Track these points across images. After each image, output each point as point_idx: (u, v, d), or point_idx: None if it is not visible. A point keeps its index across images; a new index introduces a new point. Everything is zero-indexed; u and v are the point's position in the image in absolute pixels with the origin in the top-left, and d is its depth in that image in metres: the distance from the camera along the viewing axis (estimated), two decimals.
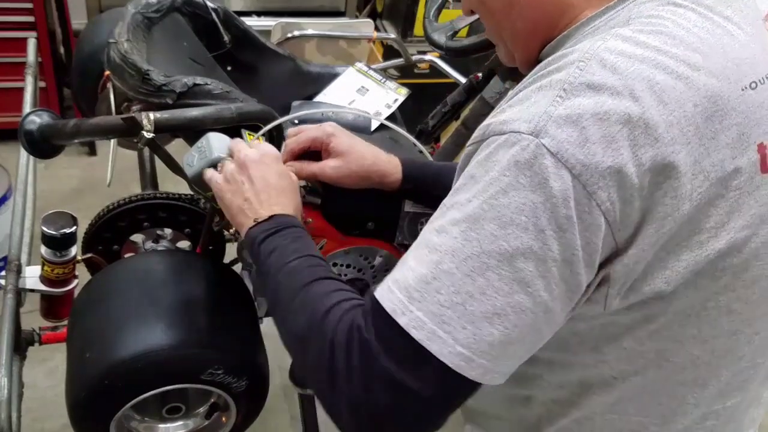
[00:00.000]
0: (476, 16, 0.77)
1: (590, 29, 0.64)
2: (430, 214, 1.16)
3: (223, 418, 1.38)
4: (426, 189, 1.06)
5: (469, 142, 0.64)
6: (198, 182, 1.13)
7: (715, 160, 0.58)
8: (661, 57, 0.57)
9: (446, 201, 0.63)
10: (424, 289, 0.59)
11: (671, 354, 0.67)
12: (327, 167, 1.00)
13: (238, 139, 1.00)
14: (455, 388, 0.61)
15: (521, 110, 0.58)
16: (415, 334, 0.59)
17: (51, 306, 1.43)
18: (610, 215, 0.56)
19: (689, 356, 0.67)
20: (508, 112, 0.60)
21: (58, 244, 1.33)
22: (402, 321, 0.60)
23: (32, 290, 1.38)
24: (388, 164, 1.03)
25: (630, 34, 0.58)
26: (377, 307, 0.62)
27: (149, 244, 1.61)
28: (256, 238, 0.82)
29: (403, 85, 1.77)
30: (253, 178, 0.88)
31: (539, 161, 0.55)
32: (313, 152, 1.04)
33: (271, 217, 0.84)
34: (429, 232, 0.63)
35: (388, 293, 0.62)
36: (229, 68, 1.66)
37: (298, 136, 1.02)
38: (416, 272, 0.60)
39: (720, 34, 0.60)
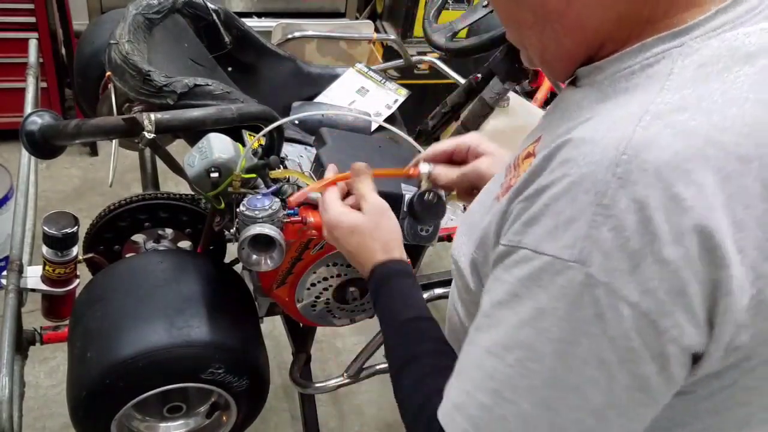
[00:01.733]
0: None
1: (626, 71, 0.57)
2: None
3: (224, 418, 1.39)
4: None
5: (505, 244, 0.58)
6: (199, 182, 1.14)
7: None
8: (711, 150, 0.49)
9: (488, 310, 0.59)
10: (488, 418, 0.57)
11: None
12: (482, 164, 0.94)
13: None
14: None
15: (554, 231, 0.53)
16: None
17: (52, 306, 1.44)
18: None
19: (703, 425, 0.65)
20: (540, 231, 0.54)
21: (60, 244, 1.33)
22: None
23: (34, 290, 1.39)
24: None
25: (671, 116, 0.50)
26: None
27: (150, 244, 1.62)
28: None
29: (403, 85, 1.78)
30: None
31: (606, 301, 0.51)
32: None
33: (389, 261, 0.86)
34: (479, 347, 0.60)
35: (452, 422, 0.61)
36: (229, 69, 1.66)
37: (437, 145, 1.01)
38: (477, 400, 0.59)
39: None
